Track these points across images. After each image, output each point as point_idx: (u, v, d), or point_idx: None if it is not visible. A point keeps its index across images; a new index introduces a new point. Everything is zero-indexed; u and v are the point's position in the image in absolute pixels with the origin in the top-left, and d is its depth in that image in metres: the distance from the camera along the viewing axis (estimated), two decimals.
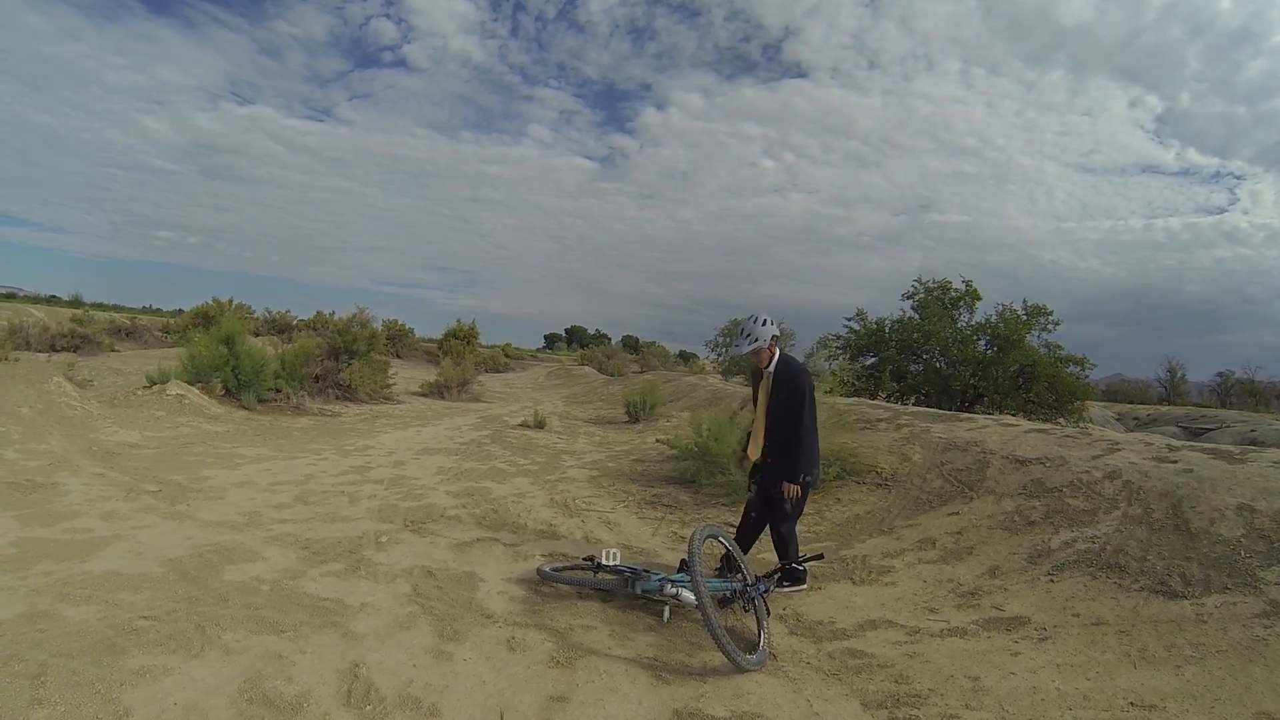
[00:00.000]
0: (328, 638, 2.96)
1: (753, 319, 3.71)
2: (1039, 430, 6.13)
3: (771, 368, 3.79)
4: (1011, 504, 4.68)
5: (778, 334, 3.79)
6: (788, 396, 3.67)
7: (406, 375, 17.33)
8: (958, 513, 4.82)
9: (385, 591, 3.48)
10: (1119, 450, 5.02)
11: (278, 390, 10.09)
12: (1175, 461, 4.48)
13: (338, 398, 11.64)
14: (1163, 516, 3.85)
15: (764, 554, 4.49)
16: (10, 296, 24.55)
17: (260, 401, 9.57)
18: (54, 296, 23.25)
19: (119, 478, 5.32)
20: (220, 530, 4.30)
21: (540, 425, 10.43)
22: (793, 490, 3.67)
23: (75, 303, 22.22)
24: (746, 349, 3.69)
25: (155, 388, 8.39)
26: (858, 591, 3.71)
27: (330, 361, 12.17)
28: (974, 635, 3.05)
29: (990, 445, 5.77)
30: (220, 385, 9.24)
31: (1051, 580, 3.59)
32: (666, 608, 3.29)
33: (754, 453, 3.95)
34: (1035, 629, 3.04)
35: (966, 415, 7.40)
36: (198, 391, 8.80)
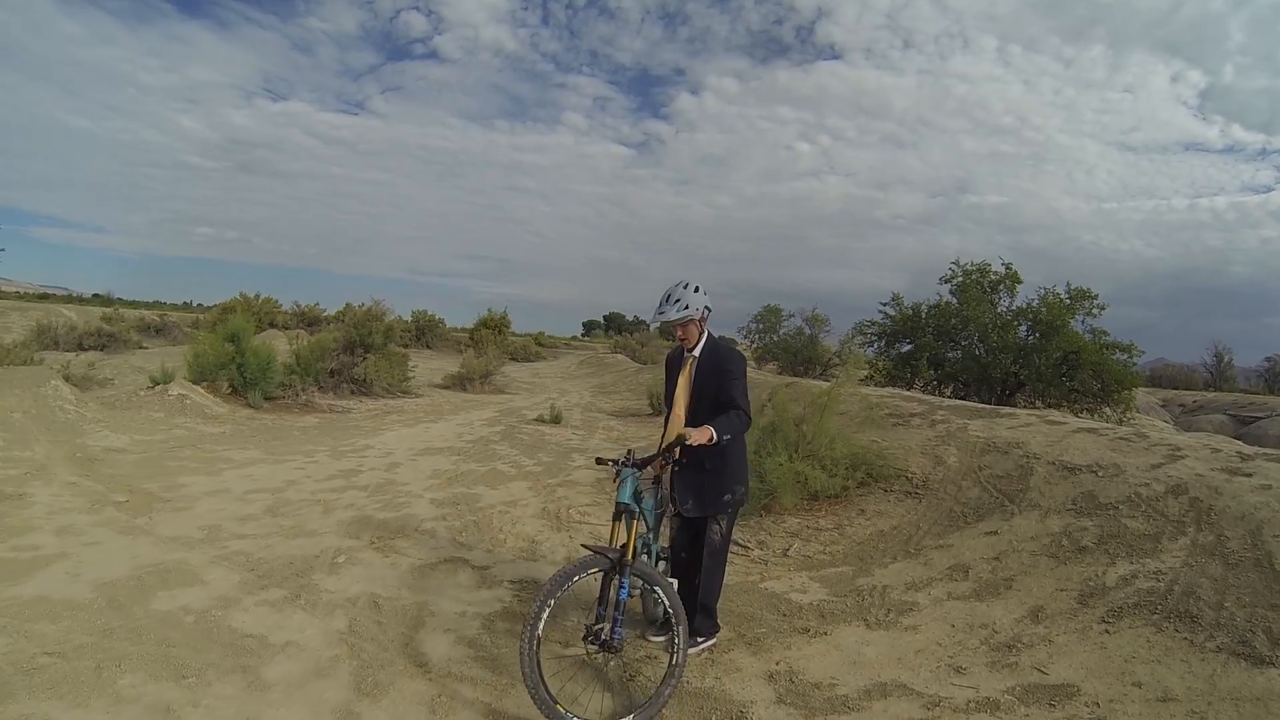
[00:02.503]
0: (230, 686, 2.64)
1: (683, 284, 3.02)
2: (1088, 430, 5.50)
3: (697, 351, 3.09)
4: (1059, 523, 4.07)
5: (710, 308, 3.08)
6: (719, 378, 2.97)
7: (434, 366, 17.33)
8: (996, 531, 4.22)
9: (318, 627, 3.15)
10: (1182, 458, 4.38)
11: (287, 386, 10.05)
12: (1250, 474, 3.80)
13: (352, 392, 11.58)
14: (1240, 548, 3.21)
15: (766, 582, 3.99)
16: (44, 297, 25.78)
17: (268, 399, 9.53)
18: (98, 295, 24.27)
19: (92, 487, 5.20)
20: (172, 547, 4.07)
21: (556, 420, 10.10)
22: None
23: (106, 300, 23.10)
24: (674, 315, 2.96)
25: (157, 388, 8.40)
26: (871, 638, 3.17)
27: (346, 355, 12.13)
28: (1008, 711, 2.49)
29: (1034, 448, 5.16)
30: (226, 383, 9.23)
31: (1107, 630, 3.00)
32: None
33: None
34: (1086, 704, 2.46)
35: (1008, 410, 6.84)
36: (201, 390, 8.78)
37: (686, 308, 2.97)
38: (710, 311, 3.09)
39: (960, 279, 13.00)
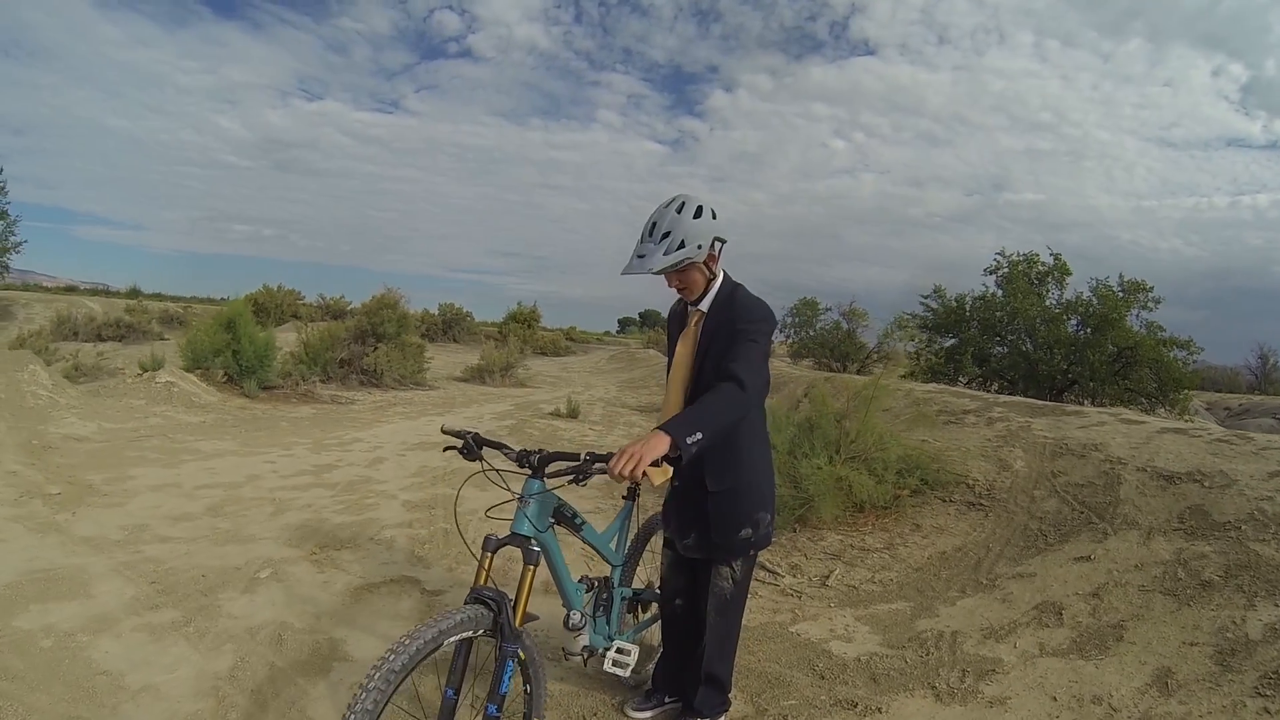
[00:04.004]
0: None
1: (675, 204, 1.96)
2: (1176, 431, 4.66)
3: (706, 302, 2.06)
4: (1167, 547, 3.24)
5: (724, 240, 2.03)
6: (731, 340, 1.94)
7: (457, 360, 16.91)
8: (1088, 557, 3.37)
9: (194, 666, 2.47)
10: None
11: (288, 376, 9.62)
12: None
13: (361, 383, 11.12)
14: None
15: (799, 624, 3.14)
16: (70, 289, 26.52)
17: (265, 389, 9.09)
18: (135, 289, 24.88)
19: (32, 476, 4.71)
20: (78, 550, 3.49)
21: (573, 414, 9.39)
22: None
23: (133, 294, 23.59)
24: (661, 264, 1.92)
25: (145, 375, 8.02)
26: (944, 718, 2.30)
27: (357, 345, 11.70)
28: None
29: (1116, 451, 4.36)
30: (222, 372, 8.82)
31: (1266, 709, 2.17)
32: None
33: (658, 473, 2.18)
34: None
35: (1074, 408, 6.09)
36: (193, 379, 8.38)
37: (681, 245, 1.91)
38: (724, 244, 2.04)
39: (1006, 269, 12.43)
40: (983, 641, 2.83)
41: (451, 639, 1.54)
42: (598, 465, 1.68)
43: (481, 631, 1.62)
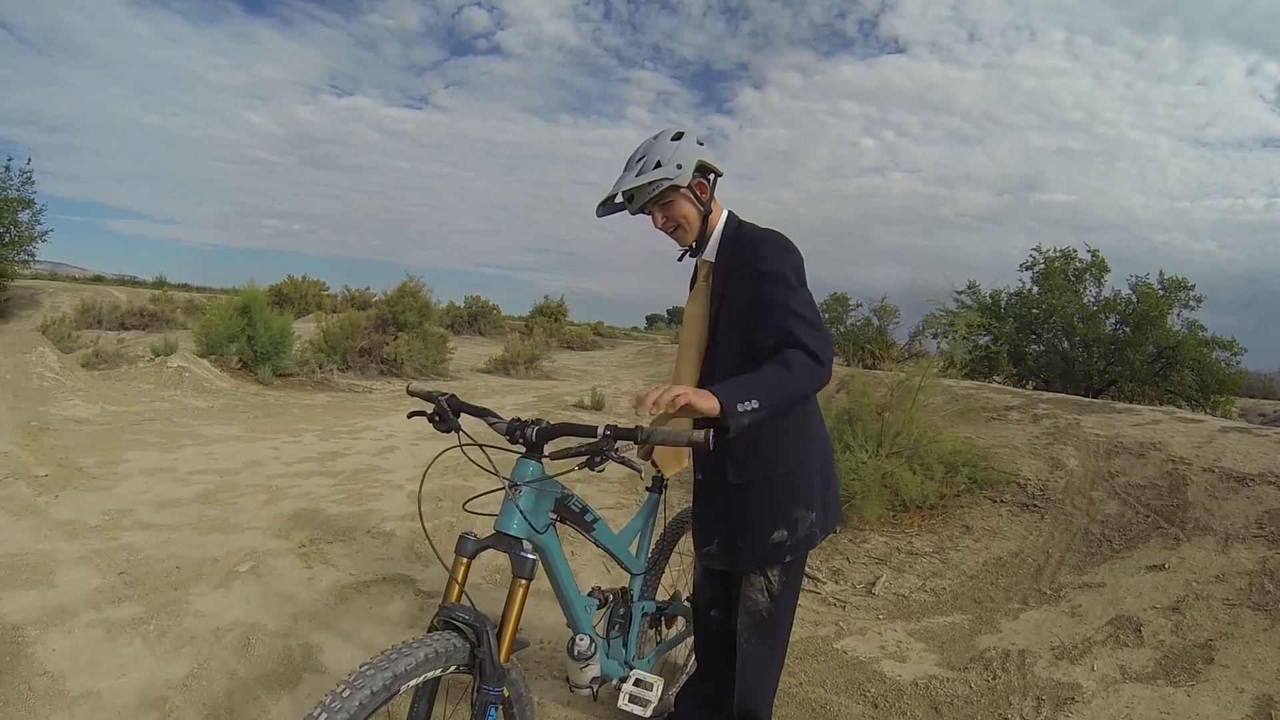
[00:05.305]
0: None
1: (659, 133, 1.66)
2: (1239, 430, 4.41)
3: (710, 250, 1.70)
4: (1249, 555, 2.90)
5: (718, 174, 1.69)
6: (751, 286, 1.57)
7: (481, 352, 16.76)
8: (1162, 566, 3.02)
9: (145, 671, 2.20)
10: None
11: (305, 363, 9.50)
12: None
13: (381, 373, 10.98)
14: None
15: (844, 639, 2.77)
16: (98, 279, 27.14)
17: (281, 376, 8.98)
18: (161, 279, 25.38)
19: (22, 457, 4.56)
20: (51, 535, 3.29)
21: (598, 406, 9.10)
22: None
23: (158, 284, 24.03)
24: (636, 181, 1.57)
25: (157, 359, 7.94)
26: None
27: (378, 334, 11.57)
28: None
29: (1177, 450, 4.07)
30: (236, 358, 8.73)
31: None
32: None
33: (670, 462, 1.93)
34: None
35: (1124, 406, 5.80)
36: (207, 364, 8.28)
37: (658, 165, 1.57)
38: (718, 176, 1.68)
39: (1042, 266, 12.15)
40: (1055, 663, 2.43)
41: (411, 682, 1.16)
42: (622, 443, 1.29)
43: (454, 668, 1.25)
